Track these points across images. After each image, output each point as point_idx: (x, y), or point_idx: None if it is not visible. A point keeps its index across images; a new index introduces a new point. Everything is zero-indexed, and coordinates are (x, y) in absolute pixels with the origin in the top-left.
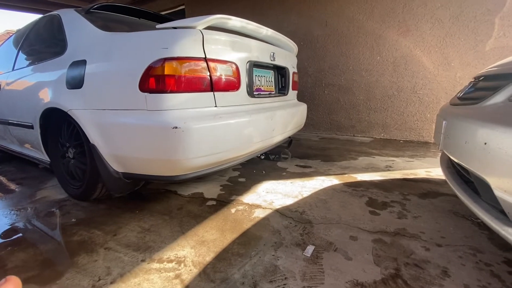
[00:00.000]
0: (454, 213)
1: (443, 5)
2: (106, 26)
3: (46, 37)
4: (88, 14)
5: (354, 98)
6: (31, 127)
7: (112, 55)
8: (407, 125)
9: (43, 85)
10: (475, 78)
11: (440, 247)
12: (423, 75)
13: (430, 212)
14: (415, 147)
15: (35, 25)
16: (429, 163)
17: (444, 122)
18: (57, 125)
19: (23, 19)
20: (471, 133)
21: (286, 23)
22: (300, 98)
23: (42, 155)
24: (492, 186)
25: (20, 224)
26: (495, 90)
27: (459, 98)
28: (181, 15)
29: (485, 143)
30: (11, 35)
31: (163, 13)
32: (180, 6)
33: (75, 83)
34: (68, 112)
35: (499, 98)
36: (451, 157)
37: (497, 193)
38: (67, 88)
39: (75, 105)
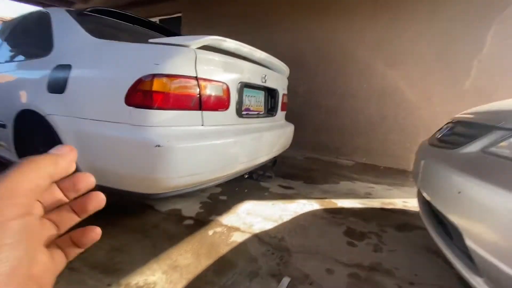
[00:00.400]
0: (427, 249)
1: (428, 43)
2: (97, 31)
3: (32, 35)
4: (80, 16)
5: (340, 121)
6: (3, 126)
7: (99, 64)
8: (387, 152)
9: (23, 85)
10: (452, 120)
11: (412, 285)
12: (405, 106)
13: (405, 246)
14: (394, 174)
15: (22, 19)
16: (406, 192)
17: (422, 161)
18: (32, 127)
19: (21, 9)
20: (447, 179)
21: (279, 44)
22: (288, 116)
23: (12, 156)
24: (464, 235)
25: None
26: (470, 138)
27: (438, 139)
28: (177, 22)
29: (459, 192)
30: None
31: (160, 18)
32: (177, 13)
33: (57, 88)
34: (46, 117)
35: (473, 147)
36: (427, 199)
37: (468, 242)
38: (48, 91)
39: (54, 110)
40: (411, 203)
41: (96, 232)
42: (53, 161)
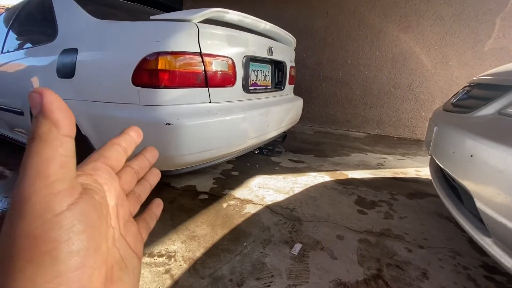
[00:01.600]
0: (439, 215)
1: (445, 2)
2: (98, 12)
3: (36, 20)
4: None
5: (351, 92)
6: (21, 113)
7: (104, 46)
8: (401, 122)
9: (34, 72)
10: (469, 83)
11: (422, 249)
12: (420, 73)
13: (416, 213)
14: (407, 144)
15: (25, 5)
16: (419, 162)
17: (435, 128)
18: None
19: None
20: (459, 143)
21: (285, 13)
22: (297, 90)
23: None
24: (474, 197)
25: None
26: (486, 101)
27: (452, 104)
28: None
29: (472, 156)
30: (2, 13)
31: None
32: None
33: (66, 72)
34: None
35: (489, 110)
36: (439, 164)
37: (479, 204)
38: (58, 77)
39: (66, 95)
40: (424, 172)
41: (161, 203)
42: (123, 137)
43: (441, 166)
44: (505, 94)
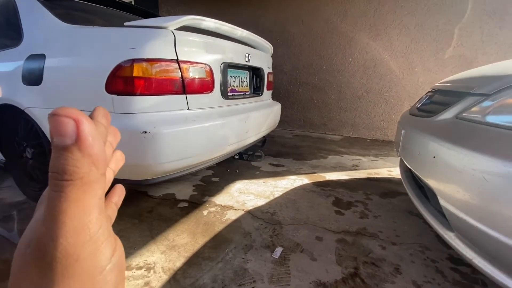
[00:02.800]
0: (409, 212)
1: (410, 13)
2: (68, 16)
3: None
4: (48, 1)
5: (327, 97)
6: None
7: (75, 52)
8: (374, 125)
9: None
10: (432, 89)
11: (394, 246)
12: (390, 78)
13: (388, 211)
14: (380, 146)
15: None
16: (391, 162)
17: (403, 131)
18: (13, 122)
19: None
20: (423, 145)
21: (263, 19)
22: (275, 95)
23: None
24: (438, 195)
25: None
26: (445, 106)
27: (417, 109)
28: (152, 1)
29: (434, 157)
30: None
31: None
32: None
33: (33, 79)
34: (25, 110)
35: (448, 114)
36: (407, 164)
37: (442, 201)
38: (24, 83)
39: (32, 103)
40: (395, 172)
41: (123, 190)
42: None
43: (409, 166)
44: (461, 100)
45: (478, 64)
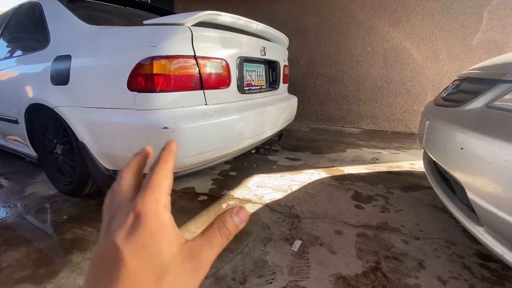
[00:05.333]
0: (433, 206)
1: None
2: (90, 17)
3: (27, 27)
4: (70, 3)
5: (345, 89)
6: (16, 121)
7: (98, 52)
8: (394, 117)
9: (27, 80)
10: (459, 77)
11: (418, 240)
12: (412, 67)
13: (411, 205)
14: (401, 138)
15: (15, 12)
16: (413, 155)
17: (427, 122)
18: (43, 120)
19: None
20: (450, 137)
21: (277, 11)
22: (291, 88)
23: (29, 150)
24: (466, 188)
25: (11, 222)
26: (475, 94)
27: (443, 99)
28: None
29: (462, 148)
30: None
31: None
32: None
33: (61, 79)
34: (54, 109)
35: (477, 103)
36: (432, 157)
37: (470, 195)
38: (52, 84)
39: (61, 102)
40: (418, 165)
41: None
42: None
43: (434, 159)
44: (492, 88)
45: (510, 49)
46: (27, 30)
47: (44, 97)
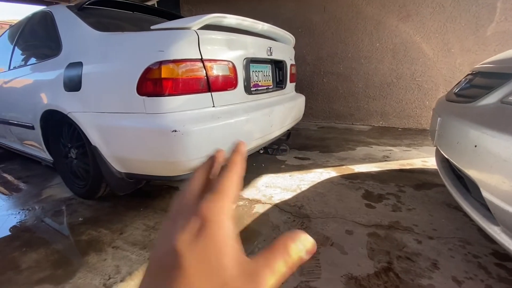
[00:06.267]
0: (447, 205)
1: None
2: (100, 24)
3: (40, 35)
4: (81, 11)
5: (353, 86)
6: (32, 127)
7: (108, 58)
8: (405, 113)
9: (41, 87)
10: (471, 72)
11: (431, 240)
12: (422, 62)
13: (424, 204)
14: (413, 135)
15: (28, 21)
16: (426, 152)
17: (439, 119)
18: (58, 125)
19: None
20: (463, 134)
21: (283, 10)
22: (298, 86)
23: (44, 155)
24: (480, 187)
25: (29, 224)
26: (488, 89)
27: (455, 94)
28: (174, 1)
29: (476, 146)
30: (6, 30)
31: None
32: None
33: (73, 86)
34: (68, 115)
35: (491, 99)
36: (444, 154)
37: (485, 193)
38: (65, 90)
39: (74, 108)
40: (431, 162)
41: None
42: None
43: (447, 156)
44: (507, 82)
45: None
46: (40, 39)
47: (58, 103)
